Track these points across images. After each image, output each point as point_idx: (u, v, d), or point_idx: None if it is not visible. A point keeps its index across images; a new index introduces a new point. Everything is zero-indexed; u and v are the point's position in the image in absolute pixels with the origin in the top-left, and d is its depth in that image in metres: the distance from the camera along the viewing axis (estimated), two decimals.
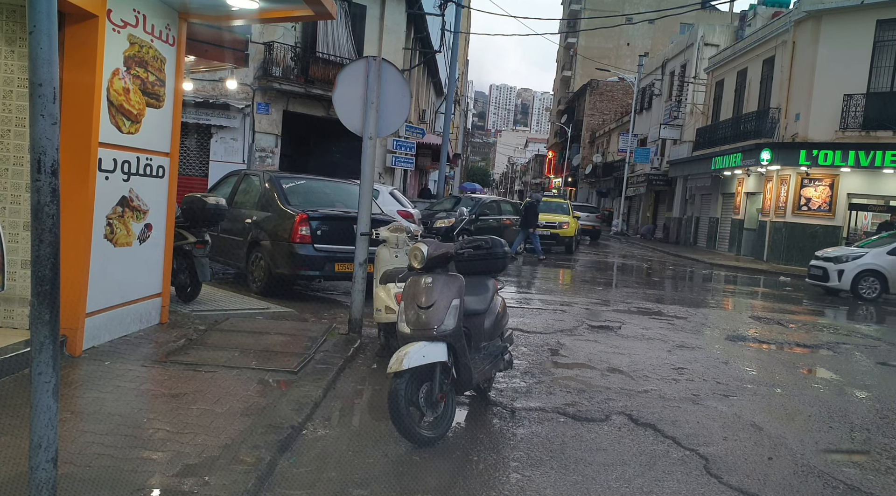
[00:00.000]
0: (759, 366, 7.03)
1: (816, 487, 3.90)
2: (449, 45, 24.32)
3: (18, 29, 4.84)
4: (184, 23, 6.12)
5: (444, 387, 4.13)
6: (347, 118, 6.48)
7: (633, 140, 37.45)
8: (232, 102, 17.96)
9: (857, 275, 14.13)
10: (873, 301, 13.96)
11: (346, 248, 7.83)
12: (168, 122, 6.01)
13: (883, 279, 14.08)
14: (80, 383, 4.41)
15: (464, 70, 53.84)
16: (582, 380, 5.82)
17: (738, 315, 10.98)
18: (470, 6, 41.45)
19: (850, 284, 14.14)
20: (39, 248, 2.43)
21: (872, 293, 14.09)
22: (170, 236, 6.23)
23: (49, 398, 2.47)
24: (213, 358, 5.20)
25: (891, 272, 13.99)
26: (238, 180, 9.67)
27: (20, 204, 4.94)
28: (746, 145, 22.75)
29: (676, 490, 3.69)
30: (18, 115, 4.88)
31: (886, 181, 20.18)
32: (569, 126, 61.32)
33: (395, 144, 20.88)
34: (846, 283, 14.20)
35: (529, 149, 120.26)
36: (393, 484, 3.55)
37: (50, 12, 2.39)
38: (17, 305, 4.94)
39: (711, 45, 30.92)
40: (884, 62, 19.72)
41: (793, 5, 24.11)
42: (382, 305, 5.90)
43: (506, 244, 5.08)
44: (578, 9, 62.17)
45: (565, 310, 9.65)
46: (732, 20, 34.25)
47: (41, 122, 2.40)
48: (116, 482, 3.07)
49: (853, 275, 14.15)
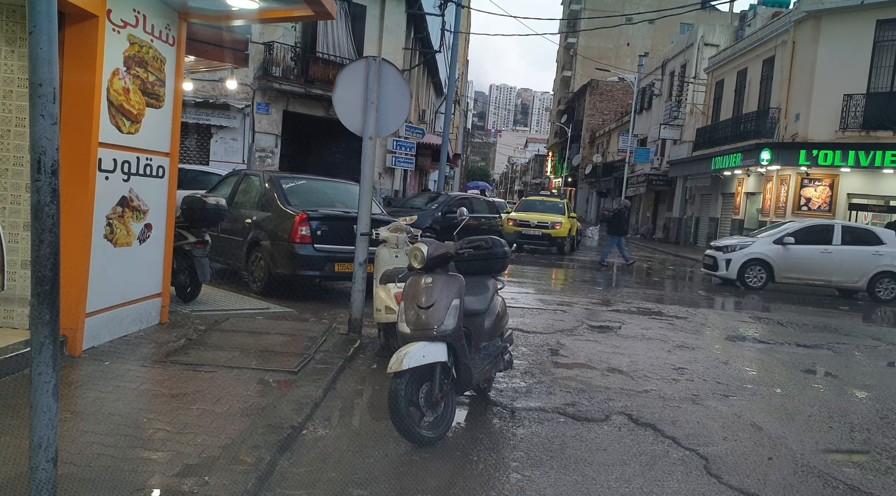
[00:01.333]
0: (759, 366, 7.03)
1: (816, 487, 3.90)
2: (449, 45, 24.31)
3: (18, 29, 4.84)
4: (184, 23, 6.12)
5: (444, 387, 4.13)
6: (347, 118, 6.48)
7: (633, 140, 37.45)
8: (232, 102, 17.97)
9: (743, 265, 14.36)
10: (759, 290, 14.20)
11: (346, 247, 7.83)
12: (168, 122, 6.01)
13: (769, 268, 14.30)
14: (80, 383, 4.41)
15: (464, 70, 53.83)
16: (582, 380, 5.82)
17: (737, 315, 10.98)
18: (470, 6, 41.44)
19: (737, 273, 14.36)
20: (39, 248, 2.43)
21: (758, 282, 14.29)
22: (170, 236, 6.23)
23: (49, 398, 2.47)
24: (213, 358, 5.20)
25: (776, 261, 14.24)
26: (238, 180, 9.67)
27: (20, 204, 4.94)
28: (746, 145, 22.75)
29: (676, 490, 3.69)
30: (18, 115, 4.88)
31: (886, 181, 20.18)
32: (569, 126, 61.32)
33: (395, 144, 20.88)
34: (733, 272, 14.42)
35: (529, 149, 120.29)
36: (393, 484, 3.55)
37: (50, 12, 2.39)
38: (17, 305, 4.94)
39: (711, 45, 30.92)
40: (884, 62, 19.72)
41: (793, 5, 24.11)
42: (382, 305, 5.90)
43: (506, 244, 5.08)
44: (578, 9, 62.17)
45: (565, 310, 9.65)
46: (732, 20, 34.26)
47: (41, 122, 2.40)
48: (116, 482, 3.07)
49: (739, 264, 14.37)
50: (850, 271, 14.16)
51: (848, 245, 14.18)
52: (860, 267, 14.07)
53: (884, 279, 14.12)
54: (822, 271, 14.22)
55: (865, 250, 14.16)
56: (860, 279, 14.12)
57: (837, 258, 14.06)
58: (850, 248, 14.16)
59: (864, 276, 14.09)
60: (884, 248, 14.17)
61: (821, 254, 14.10)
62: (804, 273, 14.35)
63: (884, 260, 14.08)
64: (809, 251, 14.20)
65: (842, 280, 14.31)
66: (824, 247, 14.14)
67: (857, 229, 15.15)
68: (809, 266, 14.24)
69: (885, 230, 15.37)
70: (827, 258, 14.09)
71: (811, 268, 14.25)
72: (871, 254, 14.10)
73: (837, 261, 14.11)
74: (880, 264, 14.07)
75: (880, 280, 14.13)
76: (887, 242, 14.30)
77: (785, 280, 14.56)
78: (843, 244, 14.18)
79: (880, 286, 14.14)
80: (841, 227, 14.61)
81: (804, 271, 14.31)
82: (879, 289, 14.13)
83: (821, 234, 14.42)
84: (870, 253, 14.11)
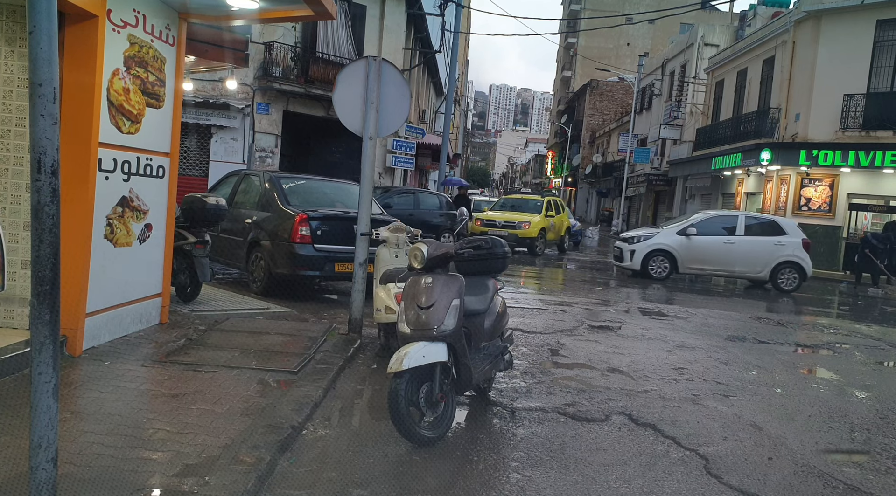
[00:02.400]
0: (759, 366, 7.02)
1: (816, 487, 3.90)
2: (449, 45, 24.32)
3: (18, 29, 4.84)
4: (184, 23, 6.12)
5: (444, 387, 4.13)
6: (347, 118, 6.48)
7: (633, 140, 37.44)
8: (232, 102, 17.96)
9: (646, 256, 14.48)
10: (663, 280, 14.32)
11: (346, 248, 7.83)
12: (168, 122, 6.01)
13: (672, 259, 14.41)
14: (80, 383, 4.40)
15: (464, 70, 53.84)
16: (582, 381, 5.82)
17: (737, 315, 10.97)
18: (470, 6, 41.47)
19: (640, 264, 14.46)
20: (39, 247, 2.43)
21: (662, 273, 14.41)
22: (170, 236, 6.23)
23: (49, 398, 2.47)
24: (213, 358, 5.19)
25: (679, 252, 14.37)
26: (238, 180, 9.67)
27: (20, 204, 4.94)
28: (746, 145, 22.75)
29: (676, 490, 3.69)
30: (18, 115, 4.88)
31: (886, 181, 20.18)
32: (569, 126, 61.31)
33: (395, 144, 20.87)
34: (637, 263, 14.55)
35: (529, 149, 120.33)
36: (393, 484, 3.55)
37: (50, 12, 2.39)
38: (17, 305, 4.94)
39: (711, 45, 30.92)
40: (884, 62, 19.71)
41: (793, 5, 24.11)
42: (382, 305, 5.90)
43: (506, 244, 5.08)
44: (578, 9, 62.17)
45: (565, 310, 9.65)
46: (732, 20, 34.28)
47: (41, 122, 2.40)
48: (116, 482, 3.07)
49: (643, 255, 14.48)
50: (753, 261, 14.29)
51: (751, 236, 14.36)
52: (763, 257, 14.21)
53: (786, 269, 14.28)
54: (725, 261, 14.35)
55: (768, 241, 14.32)
56: (763, 269, 14.26)
57: (740, 248, 14.20)
58: (753, 239, 14.32)
59: (766, 266, 14.24)
60: (786, 238, 14.35)
61: (724, 245, 14.24)
62: (707, 263, 14.46)
63: (786, 250, 14.24)
64: (712, 242, 14.34)
65: (745, 270, 14.45)
66: (727, 237, 14.30)
67: (760, 220, 15.30)
68: (712, 256, 14.36)
69: (787, 221, 15.58)
70: (730, 248, 14.23)
71: (714, 258, 14.37)
72: (774, 245, 14.26)
73: (740, 252, 14.25)
74: (782, 254, 14.24)
75: (783, 270, 14.30)
76: (790, 233, 14.49)
77: (688, 270, 14.68)
78: (747, 235, 14.35)
79: (783, 276, 14.31)
80: (744, 218, 14.79)
81: (707, 262, 14.43)
82: (782, 279, 14.30)
83: (724, 224, 14.60)
84: (772, 243, 14.27)
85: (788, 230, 14.56)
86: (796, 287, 14.28)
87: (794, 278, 14.27)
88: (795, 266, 14.25)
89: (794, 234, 14.45)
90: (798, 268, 14.27)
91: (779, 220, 15.43)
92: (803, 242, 14.38)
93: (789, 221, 15.37)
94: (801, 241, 14.36)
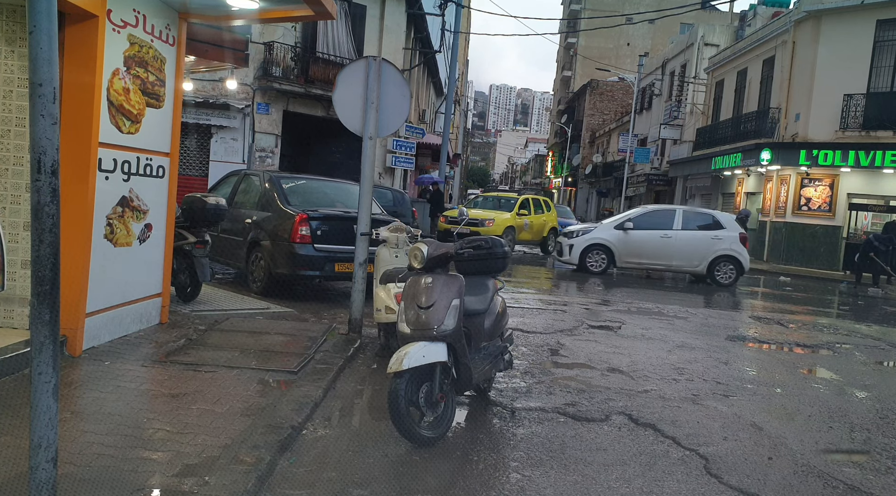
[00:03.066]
0: (759, 366, 7.03)
1: (816, 487, 3.90)
2: (449, 45, 24.33)
3: (18, 29, 4.84)
4: (184, 23, 6.12)
5: (444, 387, 4.13)
6: (347, 118, 6.48)
7: (633, 140, 37.45)
8: (232, 102, 17.96)
9: (584, 250, 14.52)
10: (601, 274, 14.38)
11: (346, 248, 7.83)
12: (168, 122, 6.01)
13: (610, 253, 14.43)
14: (80, 383, 4.40)
15: (464, 70, 53.83)
16: (582, 380, 5.82)
17: (737, 315, 10.98)
18: (470, 6, 41.46)
19: (579, 258, 14.50)
20: (39, 248, 2.43)
21: (599, 267, 14.43)
22: (170, 236, 6.23)
23: (49, 398, 2.47)
24: (213, 358, 5.20)
25: (617, 246, 14.40)
26: (238, 180, 9.67)
27: (20, 204, 4.94)
28: (746, 145, 22.76)
29: (676, 490, 3.69)
30: (18, 115, 4.88)
31: (886, 181, 20.18)
32: (569, 126, 61.31)
33: (395, 144, 20.87)
34: (575, 258, 14.57)
35: (529, 149, 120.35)
36: (393, 484, 3.55)
37: (50, 12, 2.39)
38: (17, 305, 4.94)
39: (711, 45, 30.92)
40: (884, 62, 19.72)
41: (793, 5, 24.11)
42: (382, 305, 5.90)
43: (506, 244, 5.08)
44: (578, 9, 62.15)
45: (565, 310, 9.65)
46: (732, 20, 34.27)
47: (41, 122, 2.40)
48: (116, 482, 3.07)
49: (581, 249, 14.51)
50: (690, 255, 14.30)
51: (688, 230, 14.39)
52: (700, 251, 14.24)
53: (723, 263, 14.30)
54: (662, 256, 14.38)
55: (705, 235, 14.33)
56: (700, 263, 14.28)
57: (677, 243, 14.23)
58: (690, 233, 14.36)
59: (704, 260, 14.26)
60: (723, 232, 14.36)
61: (660, 239, 14.25)
62: (644, 258, 14.49)
63: (723, 244, 14.26)
64: (649, 236, 14.35)
65: (682, 264, 14.47)
66: (664, 231, 14.31)
67: (698, 214, 15.33)
68: (649, 251, 14.38)
69: (724, 214, 15.55)
70: (667, 243, 14.25)
71: (651, 252, 14.40)
72: (711, 239, 14.28)
73: (677, 246, 14.28)
74: (719, 248, 14.26)
75: (720, 264, 14.32)
76: (727, 227, 14.50)
77: (626, 265, 14.71)
78: (684, 229, 14.37)
79: (720, 270, 14.33)
80: (682, 213, 14.82)
81: (644, 256, 14.45)
82: (719, 273, 14.32)
83: (662, 219, 14.62)
84: (709, 237, 14.29)
85: (726, 224, 14.61)
86: (734, 281, 14.36)
87: (731, 272, 14.33)
88: (732, 260, 14.30)
89: (732, 229, 14.50)
90: (735, 262, 14.32)
91: (716, 213, 15.45)
92: (740, 236, 14.46)
93: (726, 215, 15.37)
94: (739, 235, 14.44)
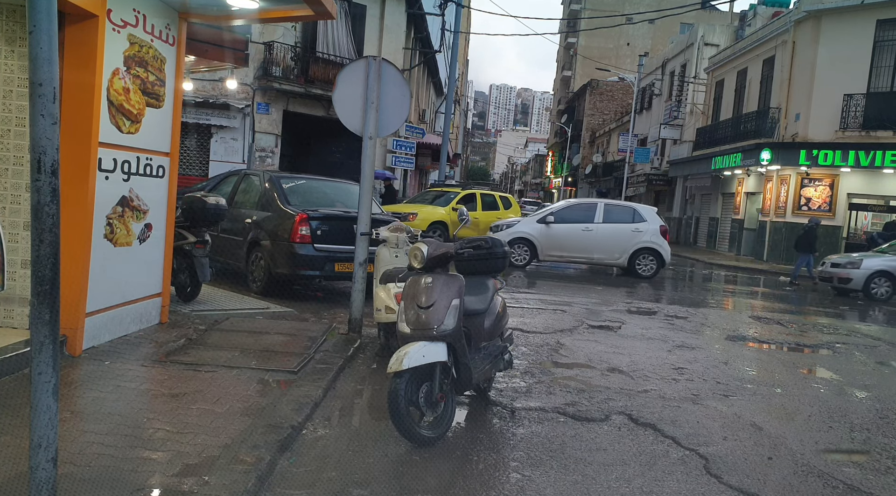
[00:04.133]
0: (759, 366, 7.03)
1: (816, 487, 3.90)
2: (449, 44, 24.32)
3: (18, 29, 4.84)
4: (184, 23, 6.12)
5: (444, 386, 4.13)
6: (347, 118, 6.48)
7: (633, 140, 37.44)
8: (232, 102, 17.97)
9: (508, 244, 14.51)
10: (523, 268, 14.43)
11: (346, 247, 7.83)
12: (168, 122, 6.01)
13: (532, 246, 14.51)
14: (80, 383, 4.40)
15: (464, 70, 53.84)
16: (582, 380, 5.82)
17: (737, 315, 10.98)
18: (470, 6, 41.47)
19: None
20: (39, 247, 2.43)
21: (522, 260, 14.49)
22: (170, 236, 6.23)
23: (49, 398, 2.47)
24: (213, 358, 5.19)
25: (539, 239, 14.49)
26: (238, 180, 9.67)
27: (20, 204, 4.94)
28: (746, 145, 22.76)
29: (676, 490, 3.69)
30: (18, 115, 4.88)
31: (886, 181, 20.19)
32: (569, 126, 61.31)
33: (395, 144, 20.87)
34: None
35: (529, 149, 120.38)
36: (393, 484, 3.55)
37: (50, 12, 2.39)
38: (17, 305, 4.94)
39: (711, 45, 30.93)
40: (884, 62, 19.72)
41: (793, 5, 24.12)
42: (382, 305, 5.90)
43: (506, 244, 5.07)
44: (578, 9, 62.15)
45: (565, 309, 9.65)
46: (732, 20, 34.27)
47: (41, 122, 2.40)
48: (116, 482, 3.07)
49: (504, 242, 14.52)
50: (611, 248, 14.38)
51: (609, 223, 14.48)
52: (620, 244, 14.36)
53: (643, 255, 14.43)
54: (583, 248, 14.48)
55: (625, 227, 14.44)
56: (621, 256, 14.39)
57: (598, 235, 14.34)
58: (611, 226, 14.46)
59: (624, 253, 14.39)
60: (644, 224, 14.48)
61: (582, 232, 14.36)
62: (566, 251, 14.57)
63: (643, 237, 14.39)
64: (571, 229, 14.45)
65: (603, 257, 14.56)
66: (586, 225, 14.41)
67: (619, 207, 15.46)
68: (571, 244, 14.46)
69: (645, 207, 15.65)
70: (588, 236, 14.36)
71: (573, 245, 14.49)
72: (631, 232, 14.40)
73: (598, 239, 14.37)
74: (640, 241, 14.39)
75: (640, 256, 14.43)
76: (648, 220, 14.60)
77: (549, 258, 14.78)
78: (605, 222, 14.47)
79: (641, 262, 14.44)
80: (603, 206, 14.93)
81: (566, 249, 14.54)
82: (640, 266, 14.43)
83: (583, 212, 14.75)
84: (629, 230, 14.41)
85: (647, 217, 14.72)
86: (654, 273, 14.48)
87: (651, 264, 14.46)
88: (653, 252, 14.43)
89: (653, 221, 14.62)
90: (656, 255, 14.46)
91: (637, 206, 15.56)
92: (661, 229, 14.59)
93: (648, 208, 15.49)
94: (659, 228, 14.57)
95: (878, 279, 14.10)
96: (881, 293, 14.08)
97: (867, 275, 14.08)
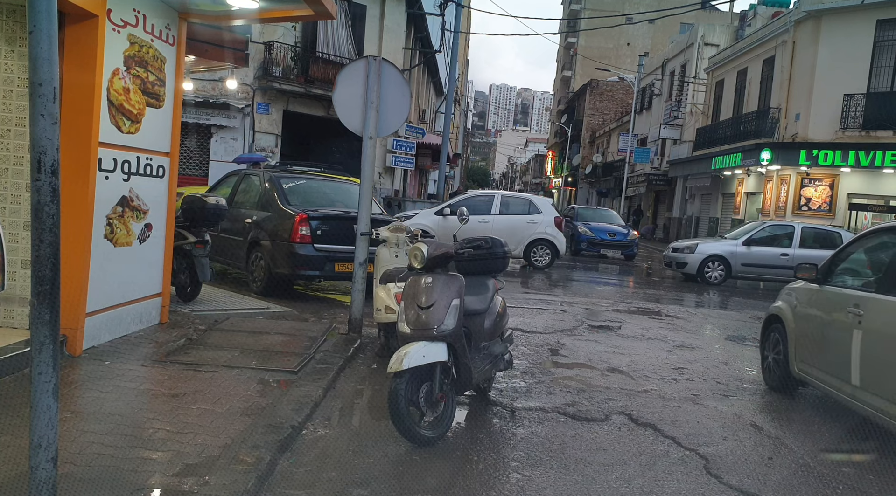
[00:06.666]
0: (758, 366, 7.02)
1: (816, 487, 3.90)
2: (449, 44, 24.31)
3: (18, 29, 4.84)
4: (184, 22, 6.12)
5: (444, 386, 4.13)
6: (347, 118, 6.48)
7: (633, 140, 37.43)
8: (232, 102, 17.97)
9: None
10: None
11: (346, 247, 7.82)
12: (168, 122, 6.01)
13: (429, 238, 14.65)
14: (80, 383, 4.41)
15: (464, 70, 53.85)
16: (582, 380, 5.82)
17: (737, 314, 10.98)
18: (470, 6, 41.46)
19: None
20: (39, 247, 2.43)
21: None
22: (170, 236, 6.23)
23: (49, 398, 2.47)
24: (213, 358, 5.19)
25: (437, 232, 14.53)
26: (238, 180, 9.67)
27: (20, 204, 4.94)
28: (746, 145, 22.75)
29: (676, 490, 3.69)
30: (18, 115, 4.88)
31: (886, 181, 20.17)
32: (569, 126, 61.30)
33: (395, 144, 20.87)
34: None
35: (529, 149, 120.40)
36: (393, 484, 3.55)
37: (50, 12, 2.39)
38: (17, 305, 4.94)
39: (711, 45, 30.91)
40: (884, 62, 19.70)
41: (793, 5, 24.11)
42: (382, 305, 5.90)
43: (506, 244, 5.08)
44: (578, 9, 62.13)
45: (565, 310, 9.65)
46: (732, 20, 34.25)
47: (41, 122, 2.40)
48: (116, 482, 3.07)
49: None
50: (507, 240, 14.25)
51: (505, 215, 14.66)
52: (516, 235, 14.45)
53: (539, 246, 14.65)
54: None
55: (521, 219, 14.66)
56: (517, 247, 14.50)
57: (495, 227, 14.39)
58: (507, 218, 14.65)
59: (520, 244, 14.55)
60: (539, 216, 14.69)
61: (479, 224, 14.36)
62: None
63: (538, 228, 14.62)
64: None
65: None
66: (482, 217, 14.50)
67: (515, 199, 15.65)
68: (467, 236, 14.37)
69: (541, 199, 15.89)
70: (484, 227, 14.36)
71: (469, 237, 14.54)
72: (527, 223, 14.61)
73: (495, 231, 14.33)
74: (535, 232, 14.61)
75: (536, 247, 14.65)
76: (543, 211, 14.81)
77: None
78: (501, 214, 14.63)
79: (536, 253, 14.67)
80: (500, 198, 15.12)
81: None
82: (535, 256, 14.66)
83: (481, 204, 14.86)
84: (525, 221, 14.62)
85: (542, 208, 14.92)
86: (549, 264, 14.71)
87: (546, 255, 14.70)
88: (548, 243, 14.66)
89: (548, 213, 14.82)
90: (550, 246, 14.71)
91: (532, 197, 15.75)
92: (555, 220, 14.81)
93: (543, 200, 15.71)
94: (554, 219, 14.77)
95: (712, 263, 14.64)
96: (714, 277, 14.65)
97: (701, 260, 14.64)
